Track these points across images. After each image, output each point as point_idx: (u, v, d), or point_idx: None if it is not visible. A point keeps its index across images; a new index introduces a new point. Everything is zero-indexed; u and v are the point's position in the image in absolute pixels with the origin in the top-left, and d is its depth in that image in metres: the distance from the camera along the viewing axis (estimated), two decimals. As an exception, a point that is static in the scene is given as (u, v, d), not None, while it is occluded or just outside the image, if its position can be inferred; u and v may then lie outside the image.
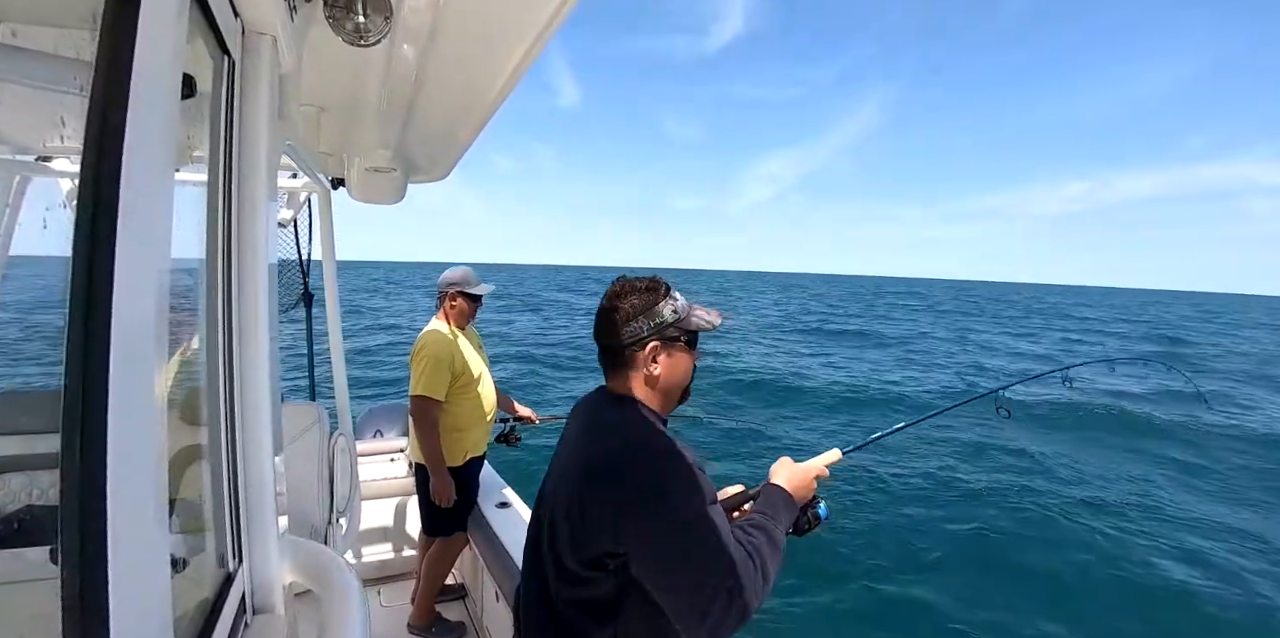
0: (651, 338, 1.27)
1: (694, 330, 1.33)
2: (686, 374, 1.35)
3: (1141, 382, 14.13)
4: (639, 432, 1.23)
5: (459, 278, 3.07)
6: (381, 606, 3.31)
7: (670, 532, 1.10)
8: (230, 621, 0.91)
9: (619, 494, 1.13)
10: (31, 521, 0.70)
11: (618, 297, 1.31)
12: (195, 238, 0.91)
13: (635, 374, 1.30)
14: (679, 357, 1.31)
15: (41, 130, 1.23)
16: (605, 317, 1.31)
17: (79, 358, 0.46)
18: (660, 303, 1.29)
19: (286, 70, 1.13)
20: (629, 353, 1.29)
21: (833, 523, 1.44)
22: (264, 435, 1.05)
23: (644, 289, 1.31)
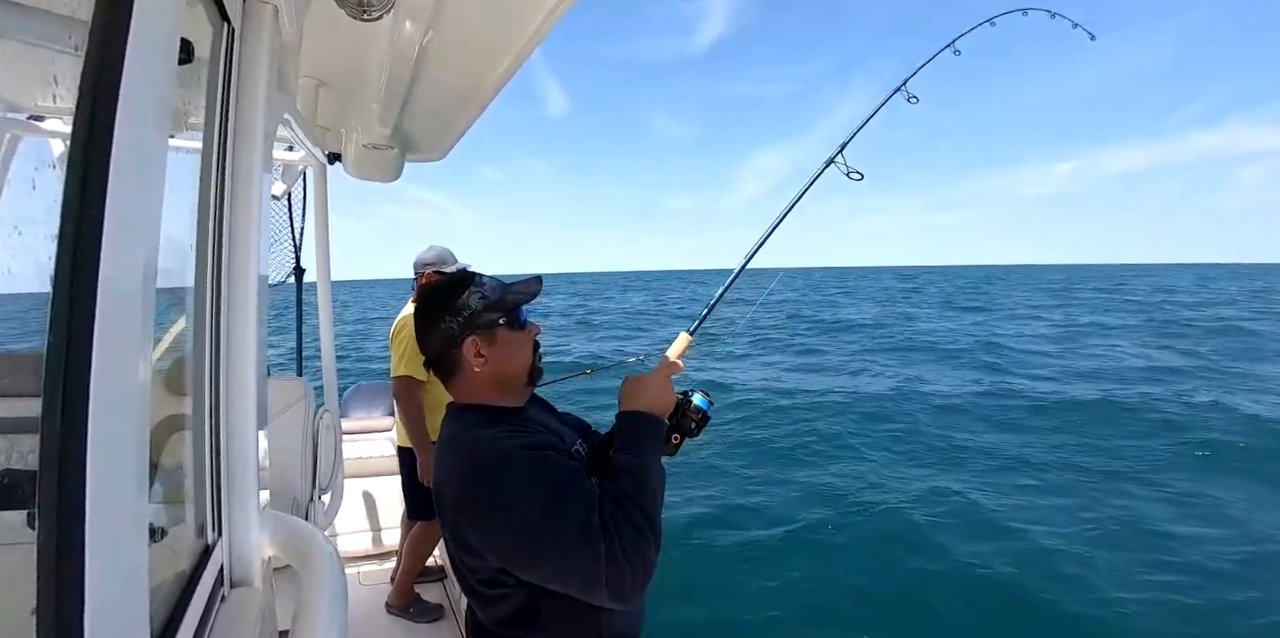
0: (466, 334, 1.20)
1: (514, 308, 1.24)
2: (524, 354, 1.27)
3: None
4: (464, 451, 1.17)
5: (434, 258, 3.07)
6: (361, 584, 3.32)
7: (526, 531, 1.06)
8: (207, 593, 0.91)
9: (470, 518, 1.10)
10: (10, 484, 0.70)
11: (422, 305, 1.25)
12: (187, 206, 0.90)
13: (466, 375, 1.23)
14: (506, 340, 1.23)
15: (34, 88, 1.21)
16: (417, 328, 1.25)
17: (63, 322, 0.45)
18: (464, 295, 1.21)
19: (287, 41, 1.12)
20: (452, 357, 1.22)
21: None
22: (249, 408, 1.05)
23: (444, 288, 1.25)
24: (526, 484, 1.08)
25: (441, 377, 1.27)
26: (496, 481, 1.09)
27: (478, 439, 1.17)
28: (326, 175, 2.67)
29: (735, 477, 6.97)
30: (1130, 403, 9.94)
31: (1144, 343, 17.44)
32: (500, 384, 1.25)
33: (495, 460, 1.11)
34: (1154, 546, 5.22)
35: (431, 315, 1.22)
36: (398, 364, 2.90)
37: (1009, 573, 4.73)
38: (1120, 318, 25.19)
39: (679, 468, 6.69)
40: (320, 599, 1.01)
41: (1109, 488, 6.48)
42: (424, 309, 1.24)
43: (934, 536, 5.38)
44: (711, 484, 6.66)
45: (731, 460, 7.48)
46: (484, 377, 1.22)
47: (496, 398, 1.25)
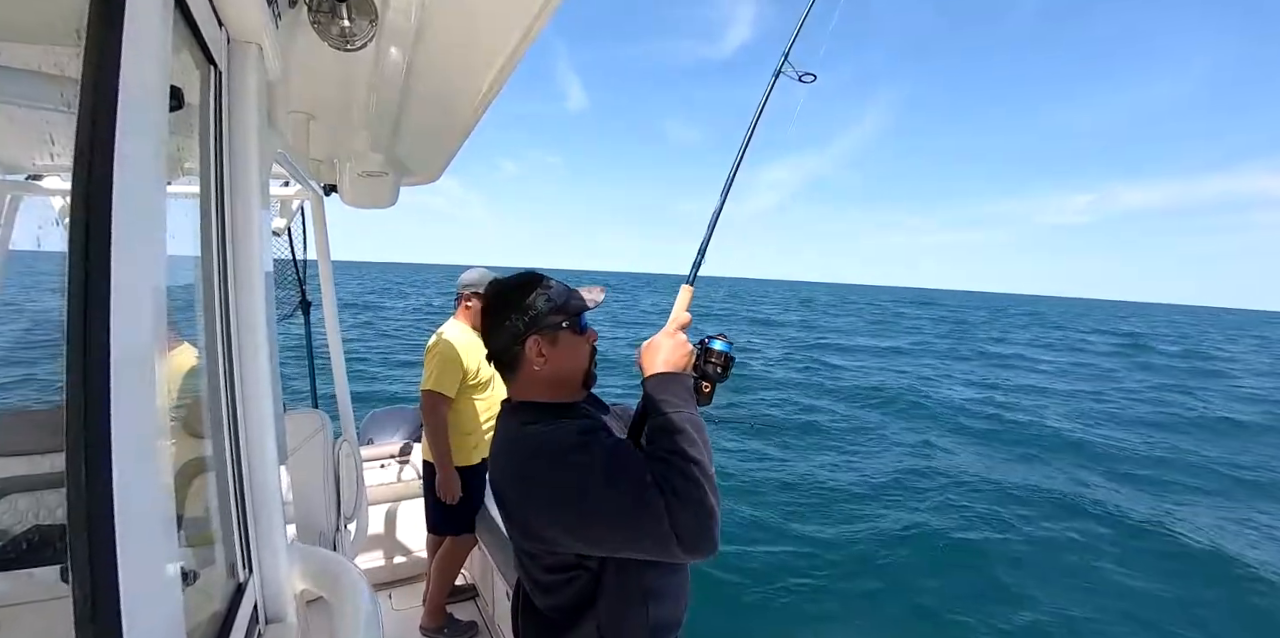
0: (529, 332, 1.24)
1: (576, 313, 1.29)
2: (582, 358, 1.31)
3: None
4: (520, 446, 1.20)
5: (475, 279, 3.10)
6: (393, 609, 3.32)
7: (592, 507, 1.08)
8: (243, 631, 0.91)
9: (536, 507, 1.13)
10: (40, 541, 0.70)
11: (490, 302, 1.29)
12: (190, 250, 0.90)
13: (525, 373, 1.27)
14: (566, 343, 1.28)
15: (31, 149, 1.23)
16: (483, 325, 1.30)
17: (79, 375, 0.46)
18: (531, 296, 1.26)
19: (274, 78, 1.13)
20: (513, 354, 1.26)
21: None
22: (268, 445, 1.05)
23: (513, 287, 1.29)
24: (582, 463, 1.11)
25: (502, 372, 1.32)
26: (555, 465, 1.12)
27: (532, 434, 1.20)
28: (324, 207, 2.69)
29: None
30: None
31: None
32: (557, 384, 1.29)
33: (550, 447, 1.15)
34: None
35: (499, 312, 1.27)
36: (428, 378, 2.92)
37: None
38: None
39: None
40: (354, 629, 1.01)
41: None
42: (492, 306, 1.29)
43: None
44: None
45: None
46: (542, 375, 1.27)
47: (552, 397, 1.29)
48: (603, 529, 1.08)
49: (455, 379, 2.92)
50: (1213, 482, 8.41)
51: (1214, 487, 8.21)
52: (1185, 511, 7.08)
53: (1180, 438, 11.03)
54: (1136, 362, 25.02)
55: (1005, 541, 5.89)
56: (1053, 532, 6.23)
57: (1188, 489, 8.02)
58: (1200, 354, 29.91)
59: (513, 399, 1.32)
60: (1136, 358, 26.45)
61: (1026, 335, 34.71)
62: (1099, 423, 11.90)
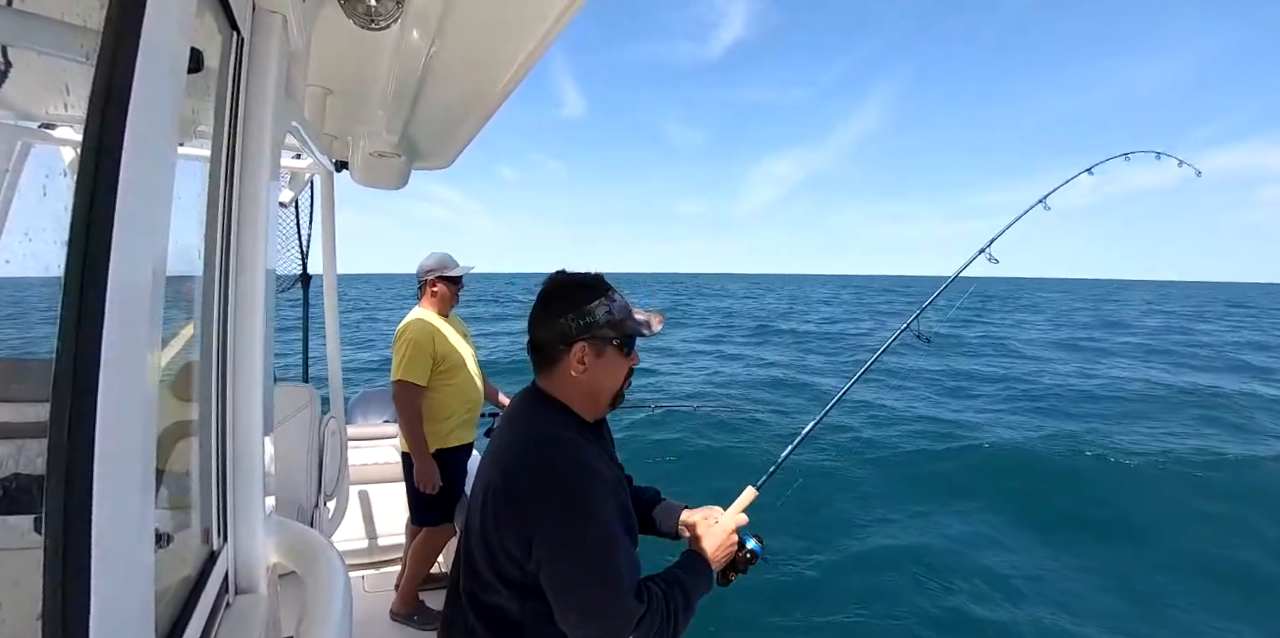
0: (580, 338, 1.21)
1: (628, 335, 1.26)
2: (617, 378, 1.28)
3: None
4: (548, 440, 1.19)
5: (435, 264, 3.08)
6: (365, 591, 3.31)
7: (591, 551, 1.10)
8: (212, 599, 0.91)
9: (529, 512, 1.11)
10: (17, 489, 0.70)
11: (550, 292, 1.25)
12: (195, 213, 0.90)
13: (561, 374, 1.24)
14: (610, 360, 1.25)
15: (45, 97, 1.23)
16: (536, 311, 1.26)
17: (72, 329, 0.46)
18: (594, 302, 1.22)
19: (295, 49, 1.13)
20: (555, 350, 1.23)
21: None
22: (255, 415, 1.05)
23: (578, 286, 1.24)
24: (608, 516, 1.13)
25: (536, 363, 1.29)
26: (584, 503, 1.11)
27: (568, 441, 1.20)
28: (333, 183, 2.69)
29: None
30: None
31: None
32: (588, 395, 1.27)
33: (584, 480, 1.14)
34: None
35: (556, 307, 1.23)
36: (397, 368, 2.90)
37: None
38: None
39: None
40: (325, 607, 1.01)
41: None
42: (551, 298, 1.24)
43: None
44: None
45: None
46: (577, 382, 1.24)
47: (577, 405, 1.27)
48: (580, 574, 1.10)
49: (425, 367, 2.90)
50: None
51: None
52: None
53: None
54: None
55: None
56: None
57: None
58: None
59: (544, 391, 1.29)
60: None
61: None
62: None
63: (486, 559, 1.16)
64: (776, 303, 45.65)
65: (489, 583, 1.16)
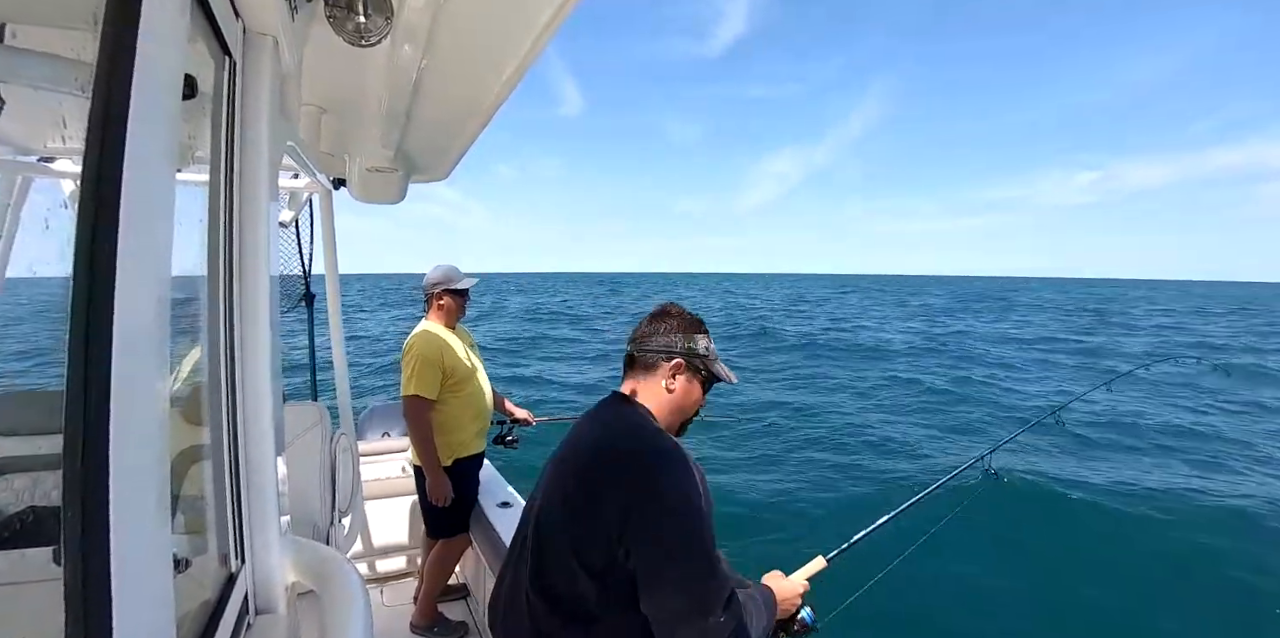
0: (681, 356, 1.37)
1: (713, 374, 1.42)
2: (695, 404, 1.43)
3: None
4: (644, 427, 1.29)
5: (441, 277, 3.08)
6: (384, 605, 3.31)
7: (689, 537, 1.15)
8: (233, 621, 0.91)
9: (630, 484, 1.17)
10: (34, 522, 0.71)
11: (667, 313, 1.43)
12: (197, 238, 0.91)
13: (654, 382, 1.38)
14: (695, 388, 1.40)
15: (43, 131, 1.24)
16: (649, 323, 1.42)
17: (80, 358, 0.46)
18: (699, 335, 1.41)
19: (288, 70, 1.13)
20: (656, 359, 1.38)
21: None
22: (266, 435, 1.05)
23: (689, 318, 1.43)
24: (703, 508, 1.20)
25: (632, 366, 1.44)
26: (685, 476, 1.20)
27: (667, 439, 1.29)
28: (332, 201, 2.70)
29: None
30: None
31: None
32: (669, 411, 1.40)
33: (684, 457, 1.23)
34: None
35: (667, 325, 1.41)
36: (407, 383, 2.90)
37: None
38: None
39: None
40: (345, 623, 1.01)
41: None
42: (666, 316, 1.43)
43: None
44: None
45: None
46: (667, 396, 1.39)
47: (661, 419, 1.38)
48: (679, 554, 1.15)
49: (435, 380, 2.90)
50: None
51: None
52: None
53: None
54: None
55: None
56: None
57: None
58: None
59: (630, 397, 1.40)
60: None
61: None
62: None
63: (569, 548, 1.20)
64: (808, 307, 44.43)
65: (566, 573, 1.20)
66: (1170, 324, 31.89)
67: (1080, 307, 48.39)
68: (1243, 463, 8.18)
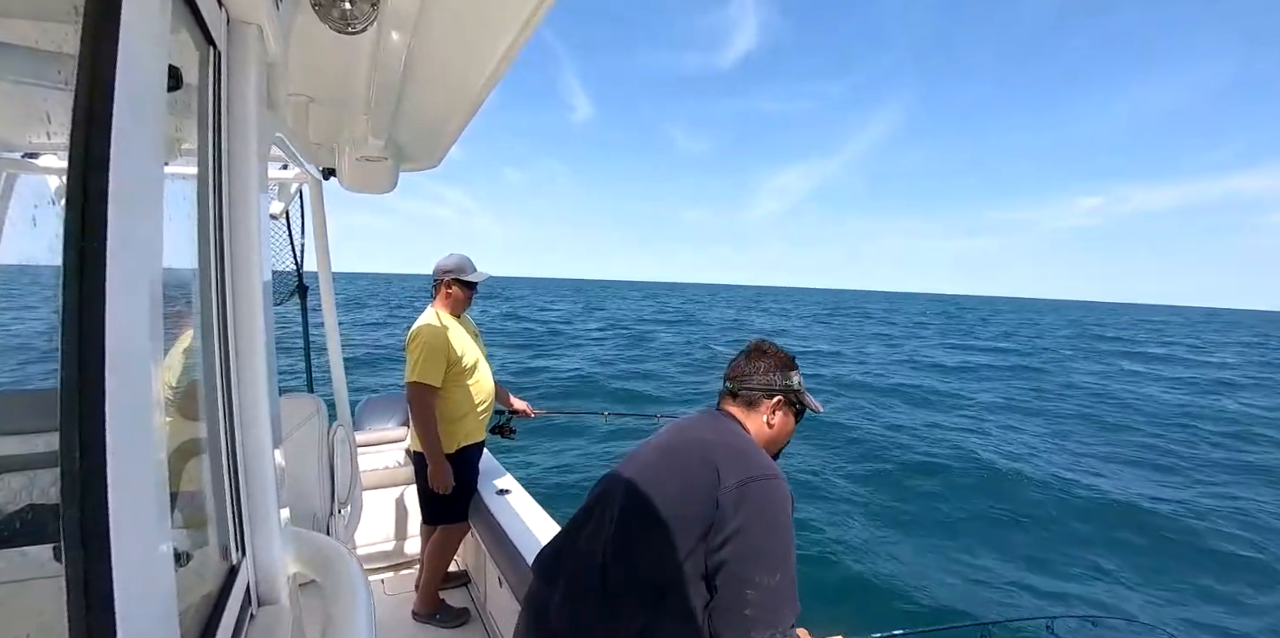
0: (780, 394, 1.49)
1: (806, 406, 1.54)
2: (788, 438, 1.55)
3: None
4: (770, 467, 1.35)
5: (454, 265, 3.08)
6: (386, 594, 3.34)
7: (778, 532, 1.24)
8: (236, 613, 0.92)
9: (750, 475, 1.27)
10: (34, 520, 0.71)
11: (764, 352, 1.54)
12: (187, 231, 0.90)
13: (756, 417, 1.49)
14: (789, 421, 1.53)
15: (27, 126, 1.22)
16: (748, 362, 1.52)
17: (74, 355, 0.45)
18: (794, 372, 1.52)
19: (274, 60, 1.12)
20: (757, 397, 1.49)
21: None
22: (263, 428, 1.05)
23: (784, 356, 1.55)
24: (793, 532, 1.28)
25: (731, 401, 1.54)
26: (789, 497, 1.30)
27: (775, 465, 1.37)
28: (323, 191, 2.68)
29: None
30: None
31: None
32: (767, 443, 1.49)
33: (788, 494, 1.31)
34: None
35: (768, 363, 1.52)
36: (412, 369, 2.91)
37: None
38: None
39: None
40: (347, 613, 1.02)
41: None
42: (764, 355, 1.54)
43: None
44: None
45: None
46: (768, 427, 1.50)
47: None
48: (772, 562, 1.22)
49: (440, 368, 2.91)
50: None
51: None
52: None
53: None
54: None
55: None
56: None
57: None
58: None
59: (744, 425, 1.49)
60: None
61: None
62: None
63: (670, 521, 1.28)
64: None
65: (658, 545, 1.27)
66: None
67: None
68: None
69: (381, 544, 3.61)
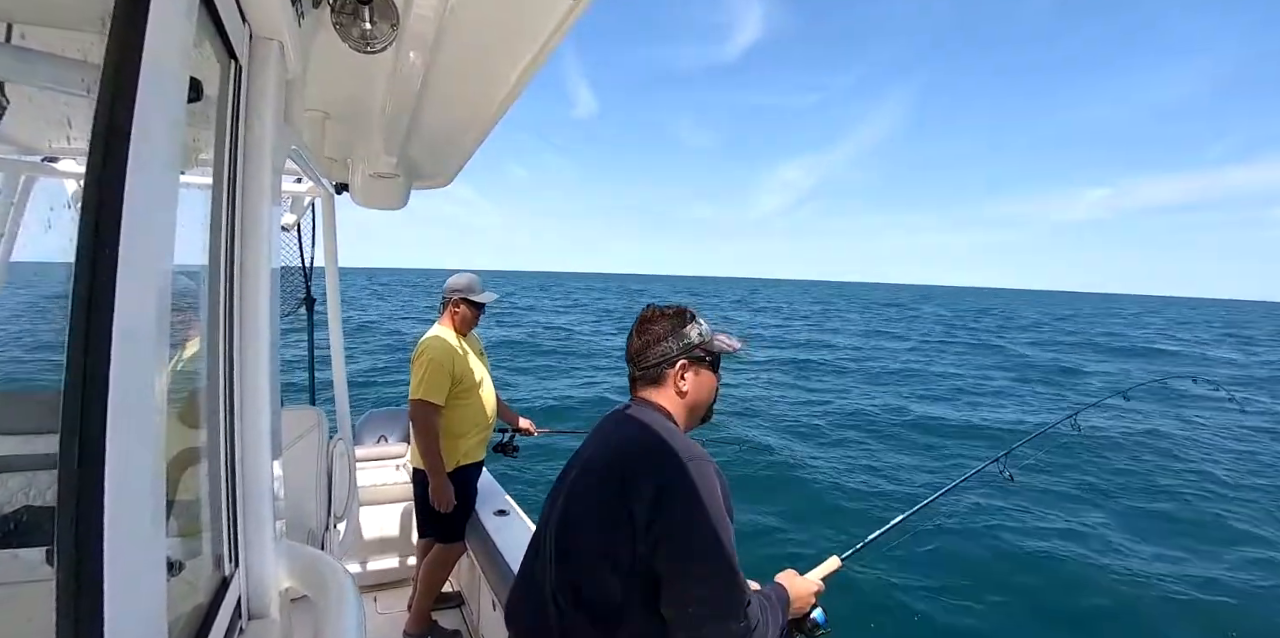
0: (680, 357, 1.37)
1: (717, 353, 1.42)
2: (711, 393, 1.44)
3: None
4: (673, 431, 1.30)
5: (464, 285, 3.09)
6: (378, 612, 3.29)
7: (705, 525, 1.16)
8: (225, 625, 0.91)
9: (662, 478, 1.19)
10: (29, 521, 0.70)
11: (649, 321, 1.41)
12: (199, 240, 0.91)
13: (666, 391, 1.39)
14: (705, 376, 1.41)
15: (48, 131, 1.25)
16: (638, 339, 1.41)
17: (79, 359, 0.46)
18: (688, 326, 1.39)
19: (293, 75, 1.14)
20: (660, 371, 1.38)
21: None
22: (263, 439, 1.05)
23: (672, 314, 1.41)
24: (726, 514, 1.20)
25: (638, 380, 1.44)
26: (713, 480, 1.21)
27: (695, 443, 1.29)
28: (334, 205, 2.71)
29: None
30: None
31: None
32: (689, 410, 1.41)
33: (711, 463, 1.24)
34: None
35: (656, 332, 1.40)
36: (416, 387, 2.91)
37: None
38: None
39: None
40: (338, 630, 1.00)
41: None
42: (650, 324, 1.41)
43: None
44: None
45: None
46: (681, 399, 1.39)
47: (681, 421, 1.39)
48: (703, 554, 1.16)
49: (444, 386, 2.91)
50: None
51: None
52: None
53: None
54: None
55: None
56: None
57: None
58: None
59: (649, 401, 1.40)
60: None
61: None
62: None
63: (599, 543, 1.22)
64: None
65: (597, 571, 1.21)
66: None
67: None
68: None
69: (376, 562, 3.57)
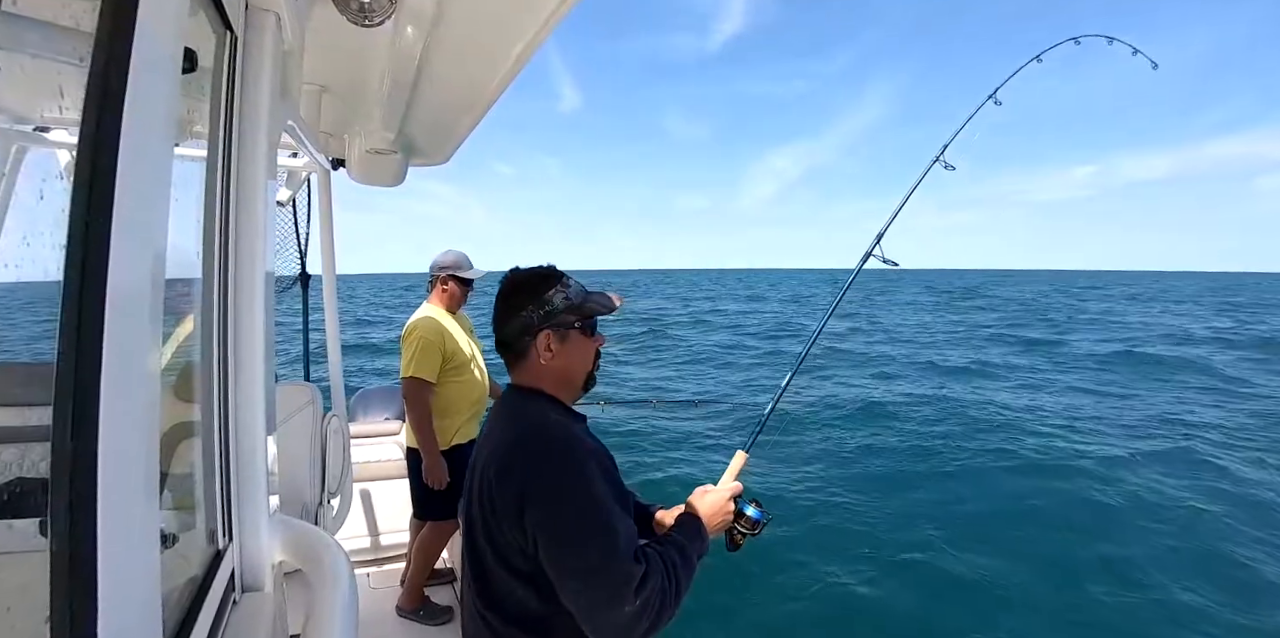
0: (543, 326, 1.26)
1: (589, 316, 1.31)
2: (586, 360, 1.33)
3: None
4: (534, 424, 1.23)
5: (451, 262, 3.09)
6: (371, 587, 3.32)
7: (585, 520, 1.09)
8: (219, 597, 0.91)
9: (519, 483, 1.12)
10: (22, 492, 0.70)
11: (507, 290, 1.30)
12: (193, 214, 0.90)
13: (532, 364, 1.29)
14: (575, 343, 1.29)
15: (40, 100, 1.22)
16: (497, 310, 1.30)
17: (73, 330, 0.45)
18: (550, 291, 1.27)
19: (290, 48, 1.12)
20: (523, 343, 1.28)
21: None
22: (257, 414, 1.05)
23: (534, 278, 1.30)
24: (598, 481, 1.13)
25: (508, 359, 1.33)
26: (572, 465, 1.14)
27: (553, 422, 1.23)
28: (330, 181, 2.69)
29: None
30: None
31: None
32: (560, 381, 1.31)
33: (571, 446, 1.17)
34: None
35: (515, 302, 1.28)
36: (407, 365, 2.91)
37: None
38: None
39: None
40: (331, 604, 1.01)
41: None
42: (509, 295, 1.29)
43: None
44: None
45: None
46: (549, 370, 1.29)
47: (553, 392, 1.30)
48: (576, 545, 1.09)
49: (435, 364, 2.91)
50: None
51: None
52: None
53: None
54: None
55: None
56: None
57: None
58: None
59: (521, 386, 1.32)
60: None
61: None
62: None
63: (495, 557, 1.16)
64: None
65: (503, 582, 1.16)
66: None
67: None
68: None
69: (369, 537, 3.60)
